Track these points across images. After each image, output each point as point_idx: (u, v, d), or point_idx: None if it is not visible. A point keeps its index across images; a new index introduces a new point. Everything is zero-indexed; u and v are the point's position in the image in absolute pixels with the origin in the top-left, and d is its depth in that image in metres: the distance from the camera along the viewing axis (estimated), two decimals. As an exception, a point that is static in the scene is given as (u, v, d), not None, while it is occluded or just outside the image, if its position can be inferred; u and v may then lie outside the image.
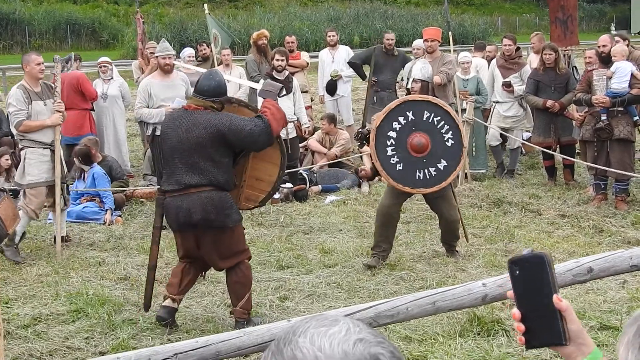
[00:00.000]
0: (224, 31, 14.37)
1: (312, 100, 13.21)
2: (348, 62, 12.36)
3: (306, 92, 12.10)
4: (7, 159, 9.98)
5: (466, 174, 10.42)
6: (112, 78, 11.60)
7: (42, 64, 7.99)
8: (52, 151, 7.95)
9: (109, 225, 9.04)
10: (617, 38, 10.32)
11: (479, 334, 5.52)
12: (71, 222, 8.73)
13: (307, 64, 12.78)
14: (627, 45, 10.21)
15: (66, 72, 10.37)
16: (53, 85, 8.17)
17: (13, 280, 7.14)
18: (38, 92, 7.95)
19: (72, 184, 9.37)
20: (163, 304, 5.98)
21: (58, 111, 7.94)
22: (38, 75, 7.96)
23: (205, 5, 14.90)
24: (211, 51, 13.05)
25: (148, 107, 8.80)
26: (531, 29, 45.84)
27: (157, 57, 9.04)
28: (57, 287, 6.84)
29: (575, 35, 12.98)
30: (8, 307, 6.36)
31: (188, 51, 12.29)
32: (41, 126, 7.88)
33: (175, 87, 8.88)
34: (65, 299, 6.52)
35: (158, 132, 8.79)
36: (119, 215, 9.39)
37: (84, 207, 9.28)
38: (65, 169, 8.34)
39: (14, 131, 8.28)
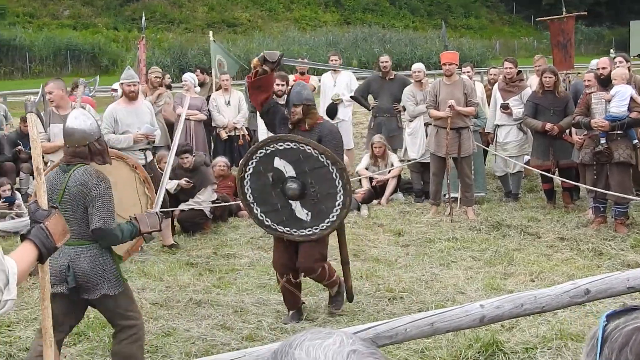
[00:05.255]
0: (231, 58, 14.42)
1: None
2: (351, 97, 12.39)
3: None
4: (6, 190, 10.04)
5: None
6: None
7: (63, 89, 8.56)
8: None
9: None
10: (619, 59, 10.28)
11: (478, 357, 5.53)
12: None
13: (315, 88, 12.63)
14: (628, 70, 10.23)
15: (88, 94, 10.55)
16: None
17: (15, 304, 7.13)
18: (63, 115, 8.11)
19: None
20: None
21: None
22: (59, 102, 8.39)
23: (211, 33, 15.06)
24: (210, 75, 13.15)
25: (114, 133, 8.88)
26: (530, 52, 46.09)
27: (121, 84, 9.11)
28: (58, 311, 6.84)
29: (572, 59, 13.12)
30: (10, 330, 6.38)
31: (187, 76, 12.37)
32: (55, 147, 8.04)
33: (139, 114, 8.97)
34: (65, 323, 6.53)
35: None
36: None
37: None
38: None
39: None
